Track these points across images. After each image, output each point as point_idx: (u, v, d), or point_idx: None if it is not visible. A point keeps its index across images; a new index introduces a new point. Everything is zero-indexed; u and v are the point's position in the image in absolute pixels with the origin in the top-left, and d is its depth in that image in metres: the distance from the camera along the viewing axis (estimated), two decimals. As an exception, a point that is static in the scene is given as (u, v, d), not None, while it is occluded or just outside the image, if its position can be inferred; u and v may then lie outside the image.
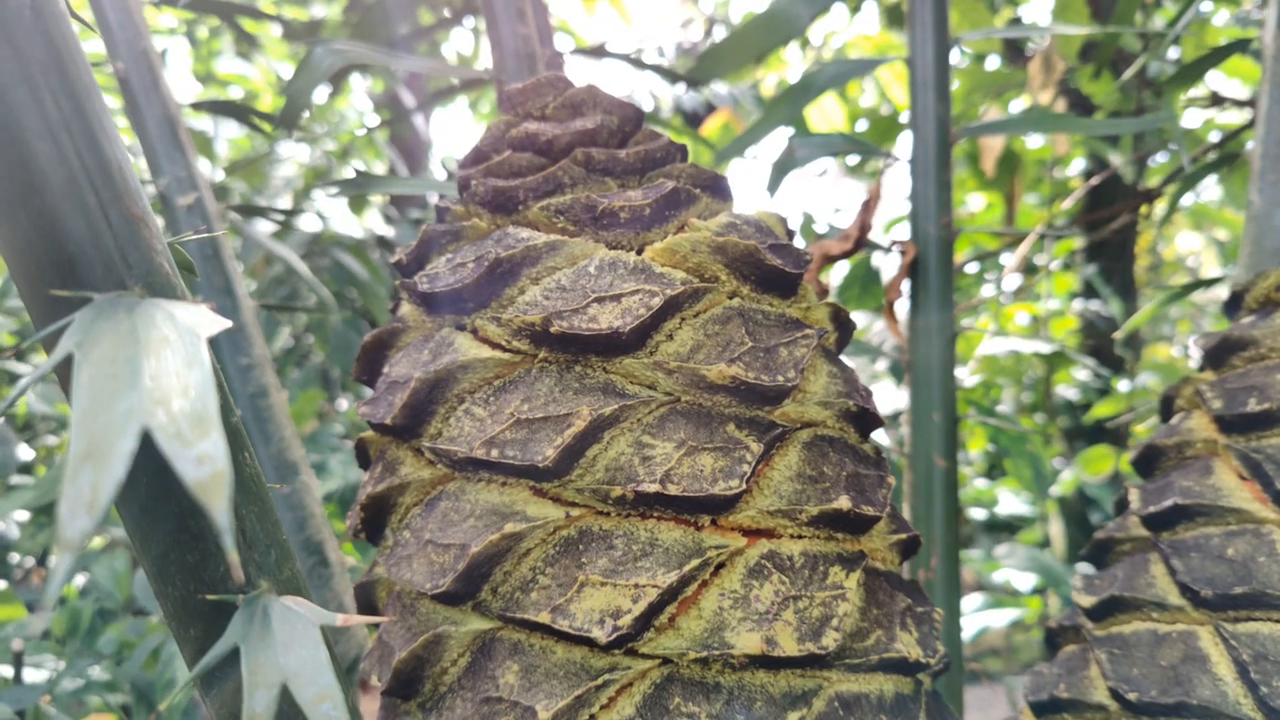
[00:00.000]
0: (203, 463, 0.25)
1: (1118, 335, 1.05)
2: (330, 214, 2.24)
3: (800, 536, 0.54)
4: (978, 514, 2.40)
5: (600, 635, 0.49)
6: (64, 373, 0.30)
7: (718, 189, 0.63)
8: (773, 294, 0.59)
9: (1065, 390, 2.65)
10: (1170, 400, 0.77)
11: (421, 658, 0.54)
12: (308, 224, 2.16)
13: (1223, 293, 0.78)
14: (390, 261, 0.61)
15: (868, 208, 1.03)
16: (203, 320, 0.30)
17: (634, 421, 0.53)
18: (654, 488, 0.50)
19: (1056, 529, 2.52)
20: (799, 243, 0.66)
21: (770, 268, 0.57)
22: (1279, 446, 0.65)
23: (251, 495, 0.36)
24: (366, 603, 0.62)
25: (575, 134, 0.63)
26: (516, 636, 0.52)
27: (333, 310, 1.15)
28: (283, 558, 0.38)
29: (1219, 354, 0.72)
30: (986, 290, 2.26)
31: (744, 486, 0.51)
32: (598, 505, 0.52)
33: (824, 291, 1.05)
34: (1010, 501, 2.34)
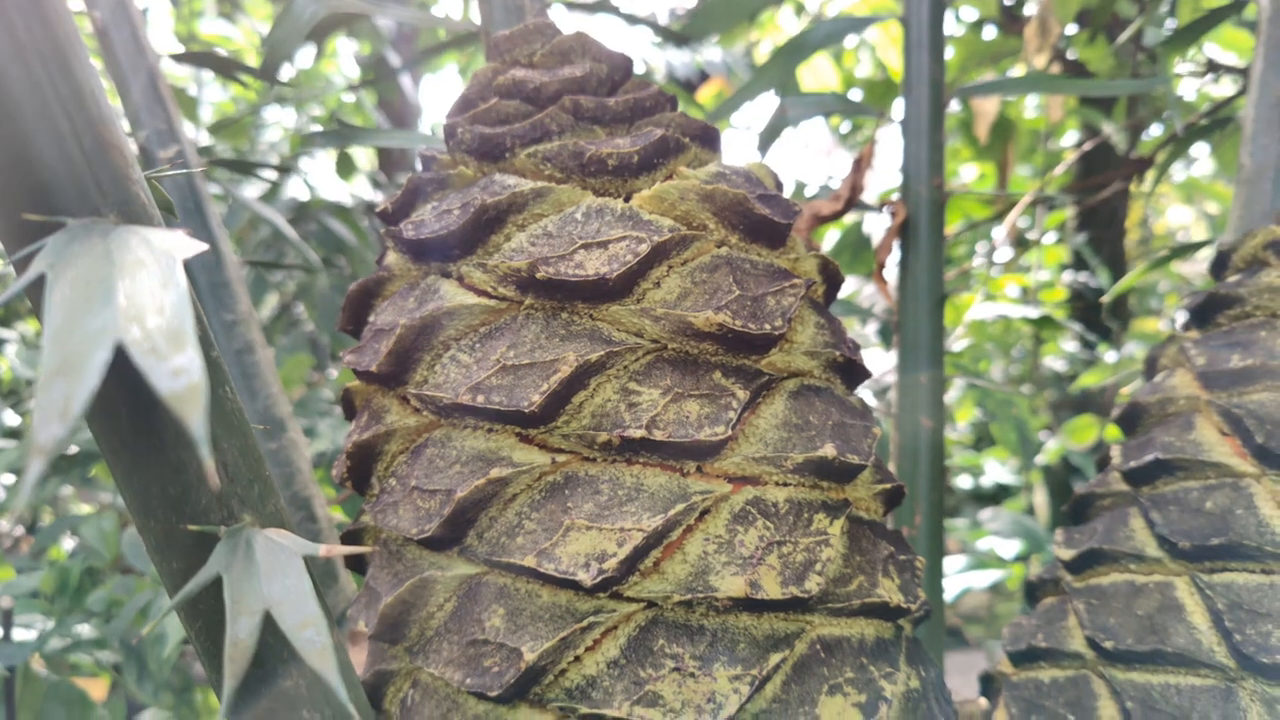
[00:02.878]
0: (178, 375, 0.25)
1: (1105, 299, 1.06)
2: (318, 182, 2.22)
3: (785, 484, 0.54)
4: (964, 483, 2.42)
5: (585, 578, 0.49)
6: (36, 296, 0.30)
7: (707, 139, 0.63)
8: (761, 243, 0.59)
9: (1053, 362, 2.67)
10: (1155, 360, 0.78)
11: (408, 602, 0.54)
12: (295, 191, 2.14)
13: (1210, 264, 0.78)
14: (375, 210, 0.61)
15: (859, 168, 1.03)
16: (178, 244, 0.30)
17: (620, 368, 0.53)
18: (640, 433, 0.51)
19: (1041, 498, 2.54)
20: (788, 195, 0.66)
21: (759, 217, 0.57)
22: (1260, 402, 0.65)
23: (233, 429, 0.36)
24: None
25: (563, 81, 0.62)
26: (502, 581, 0.52)
27: (319, 270, 1.14)
28: (266, 493, 0.38)
29: (1204, 312, 0.73)
30: (977, 262, 2.26)
31: (729, 433, 0.51)
32: (584, 451, 0.52)
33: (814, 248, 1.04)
34: (996, 470, 2.36)
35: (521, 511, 0.52)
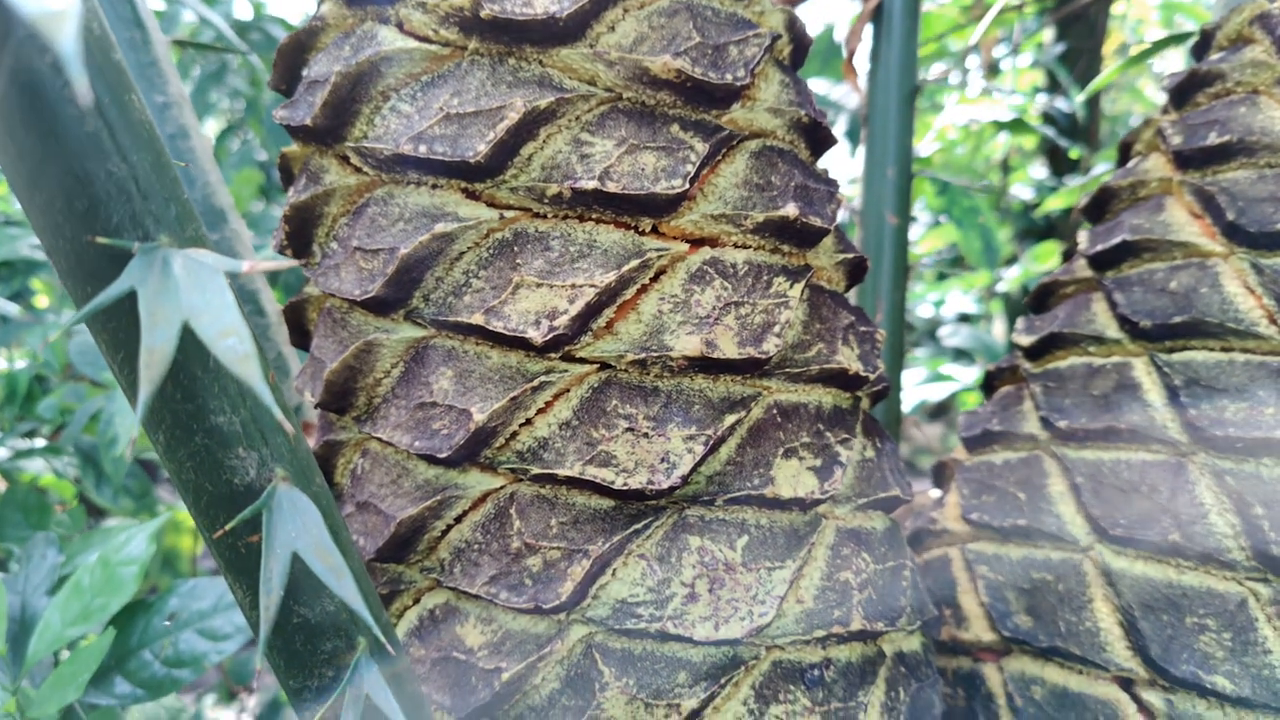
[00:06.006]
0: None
1: (1080, 97, 1.02)
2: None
3: (745, 245, 0.52)
4: (925, 313, 2.43)
5: (536, 336, 0.47)
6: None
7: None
8: (724, -8, 0.54)
9: (1021, 191, 2.64)
10: (1129, 146, 0.76)
11: (354, 368, 0.52)
12: (240, 11, 2.01)
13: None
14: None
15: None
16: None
17: (572, 118, 0.49)
18: (592, 185, 0.48)
19: (1000, 327, 2.57)
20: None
21: (722, -39, 0.53)
22: (1234, 180, 0.64)
23: (142, 142, 0.33)
24: (296, 323, 0.60)
25: None
26: (450, 343, 0.50)
27: (244, 54, 1.07)
28: (185, 217, 0.35)
29: (1184, 92, 0.70)
30: (952, 79, 2.19)
31: (686, 187, 0.49)
32: (533, 206, 0.49)
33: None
34: (958, 300, 2.37)
35: (469, 270, 0.49)
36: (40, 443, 1.28)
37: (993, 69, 2.35)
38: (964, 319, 2.52)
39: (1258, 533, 0.56)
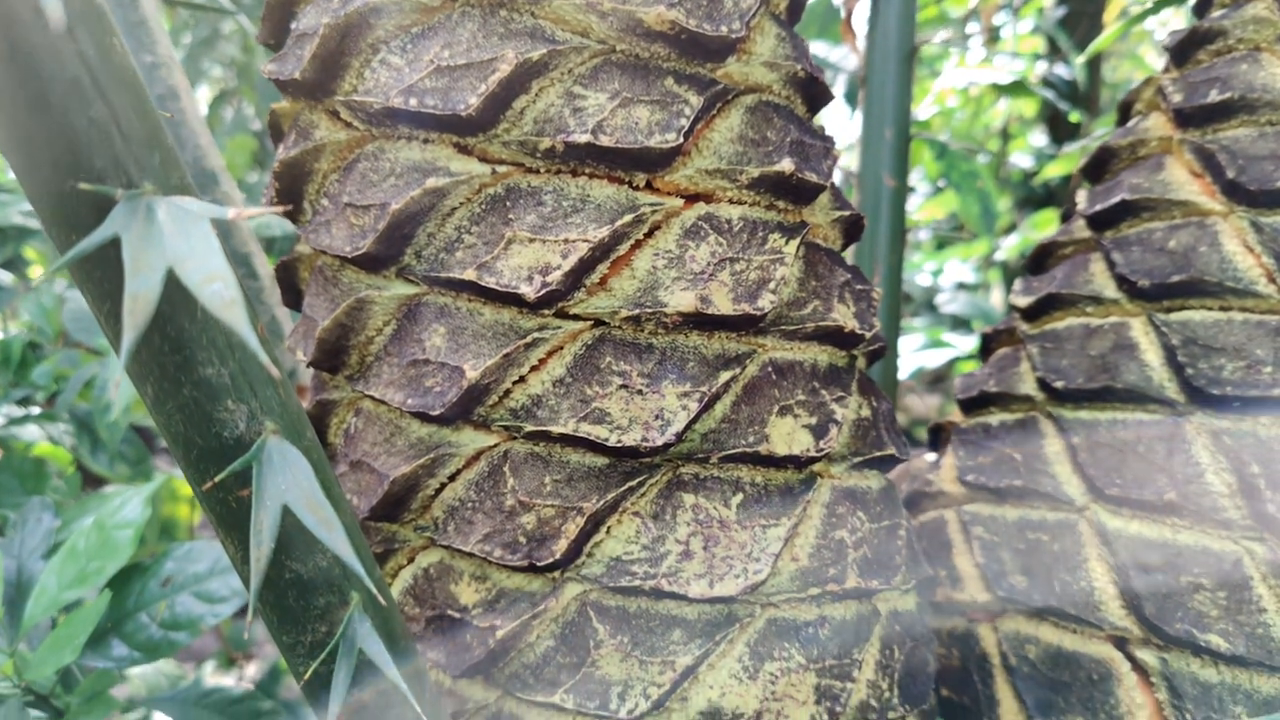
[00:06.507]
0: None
1: (1080, 59, 1.01)
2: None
3: (740, 202, 0.51)
4: (923, 282, 2.42)
5: (529, 292, 0.47)
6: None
7: None
8: (719, -56, 0.53)
9: (1020, 159, 2.62)
10: (1129, 105, 0.75)
11: (345, 326, 0.52)
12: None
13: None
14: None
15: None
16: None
17: (564, 71, 0.49)
18: (585, 138, 0.47)
19: (999, 296, 2.56)
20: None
21: (717, -89, 0.52)
22: (1234, 137, 0.63)
23: (123, 84, 0.32)
24: (288, 283, 0.59)
25: None
26: (443, 300, 0.50)
27: (234, 12, 1.06)
28: (169, 163, 0.34)
29: (1184, 49, 0.69)
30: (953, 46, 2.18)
31: (681, 141, 0.48)
32: (526, 160, 0.49)
33: None
34: (956, 270, 2.36)
35: (461, 226, 0.49)
36: (35, 411, 1.28)
37: (993, 35, 2.33)
38: (962, 288, 2.51)
39: (1254, 492, 0.56)
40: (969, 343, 1.73)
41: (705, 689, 0.48)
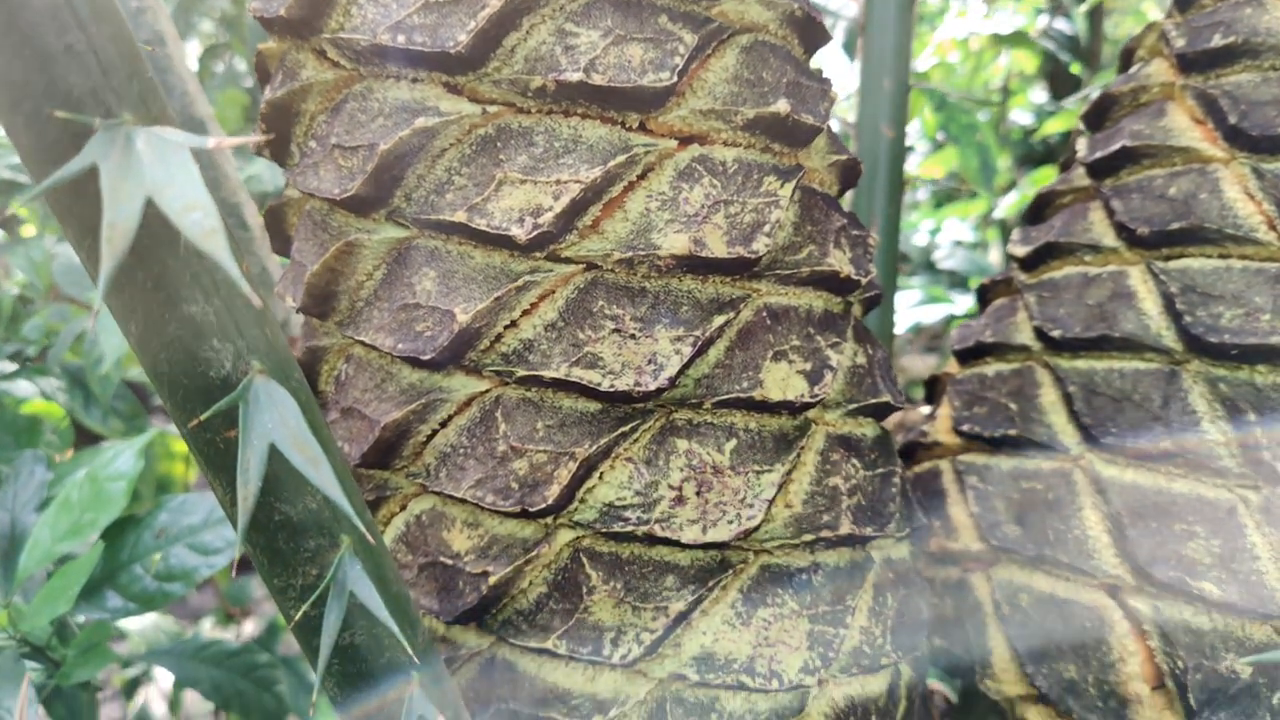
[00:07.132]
0: None
1: (1082, 8, 1.00)
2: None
3: (735, 144, 0.50)
4: (920, 241, 2.40)
5: (520, 234, 0.46)
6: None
7: None
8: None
9: (1020, 116, 2.60)
10: (1131, 52, 0.74)
11: (335, 270, 0.51)
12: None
13: None
14: None
15: None
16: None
17: (556, 7, 0.48)
18: (577, 77, 0.46)
19: (997, 254, 2.55)
20: None
21: None
22: (1237, 83, 0.62)
23: (100, 11, 0.32)
24: (277, 228, 0.58)
25: None
26: (433, 243, 0.49)
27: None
28: (149, 94, 0.33)
29: (1189, -7, 0.68)
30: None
31: (675, 81, 0.47)
32: (516, 100, 0.48)
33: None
34: (955, 228, 2.35)
35: (451, 167, 0.48)
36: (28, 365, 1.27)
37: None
38: (960, 246, 2.50)
39: (1250, 439, 0.56)
40: (966, 301, 1.72)
41: (698, 635, 0.49)
